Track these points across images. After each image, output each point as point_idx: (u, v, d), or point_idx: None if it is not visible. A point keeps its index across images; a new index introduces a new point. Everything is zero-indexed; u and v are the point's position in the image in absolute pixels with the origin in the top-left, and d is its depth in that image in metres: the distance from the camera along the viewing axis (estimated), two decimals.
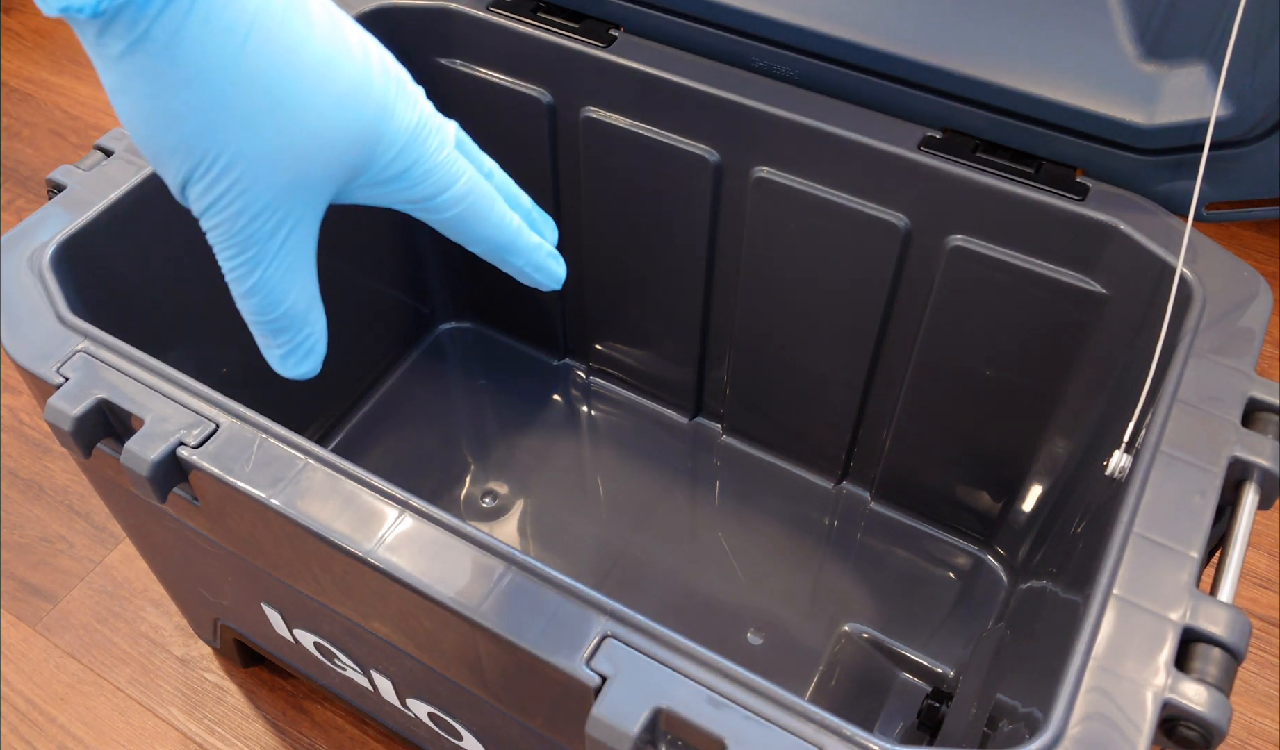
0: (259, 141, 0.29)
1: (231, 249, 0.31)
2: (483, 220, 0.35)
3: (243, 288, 0.32)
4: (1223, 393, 0.45)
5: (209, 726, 0.70)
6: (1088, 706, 0.36)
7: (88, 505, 0.81)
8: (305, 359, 0.35)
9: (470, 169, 0.35)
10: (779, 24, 0.58)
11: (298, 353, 0.34)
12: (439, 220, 0.35)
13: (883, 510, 0.74)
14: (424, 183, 0.33)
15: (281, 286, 0.32)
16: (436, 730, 0.56)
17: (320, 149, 0.30)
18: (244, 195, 0.30)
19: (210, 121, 0.29)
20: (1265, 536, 0.79)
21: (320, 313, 0.34)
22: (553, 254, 0.38)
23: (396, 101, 0.32)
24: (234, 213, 0.30)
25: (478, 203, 0.35)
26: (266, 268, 0.31)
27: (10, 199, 1.05)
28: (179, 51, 0.28)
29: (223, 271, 0.32)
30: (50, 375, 0.45)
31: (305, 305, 0.33)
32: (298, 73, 0.29)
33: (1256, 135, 0.50)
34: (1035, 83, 0.53)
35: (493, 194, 0.35)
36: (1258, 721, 0.70)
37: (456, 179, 0.34)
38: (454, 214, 0.34)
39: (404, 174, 0.33)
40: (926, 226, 0.59)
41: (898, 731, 0.64)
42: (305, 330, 0.34)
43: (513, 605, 0.38)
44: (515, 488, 0.76)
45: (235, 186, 0.30)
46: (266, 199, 0.30)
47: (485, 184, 0.35)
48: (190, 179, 0.30)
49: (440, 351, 0.85)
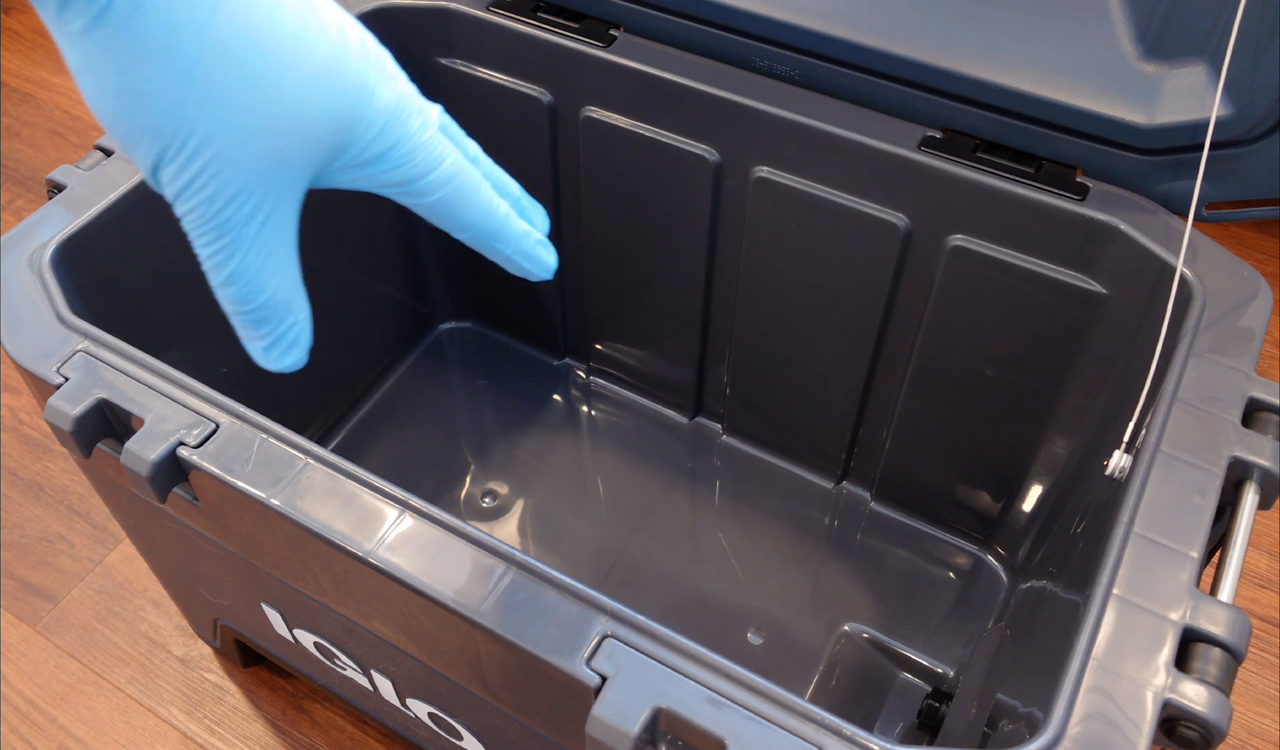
0: (232, 119, 0.28)
1: (207, 235, 0.30)
2: (468, 206, 0.34)
3: (220, 276, 0.31)
4: (1223, 393, 0.45)
5: (209, 726, 0.70)
6: (1088, 706, 0.36)
7: (88, 505, 0.81)
8: (289, 351, 0.33)
9: (455, 152, 0.34)
10: (779, 24, 0.58)
11: (280, 344, 0.33)
12: (423, 205, 0.34)
13: (883, 510, 0.74)
14: (406, 165, 0.32)
15: (261, 275, 0.31)
16: (436, 730, 0.56)
17: (296, 128, 0.29)
18: (218, 177, 0.29)
19: (179, 99, 0.28)
20: (1265, 536, 0.79)
21: (303, 302, 0.33)
22: (542, 242, 0.37)
23: (376, 80, 0.31)
24: (208, 196, 0.29)
25: (463, 187, 0.34)
26: (245, 255, 0.30)
27: (10, 199, 1.05)
28: (143, 24, 0.27)
29: (200, 260, 0.31)
30: (50, 375, 0.45)
31: (287, 294, 0.32)
32: (269, 46, 0.28)
33: (1256, 135, 0.50)
34: (1035, 83, 0.53)
35: (478, 179, 0.35)
36: (1258, 721, 0.70)
37: (440, 162, 0.33)
38: (438, 198, 0.33)
39: (385, 156, 0.32)
40: (926, 226, 0.59)
41: (898, 731, 0.64)
42: (288, 321, 0.33)
43: (513, 605, 0.38)
44: (515, 488, 0.76)
45: (209, 168, 0.29)
46: (242, 181, 0.29)
47: (471, 169, 0.34)
48: (161, 161, 0.29)
49: (440, 351, 0.85)
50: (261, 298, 0.31)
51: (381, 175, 0.32)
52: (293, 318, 0.33)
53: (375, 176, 0.32)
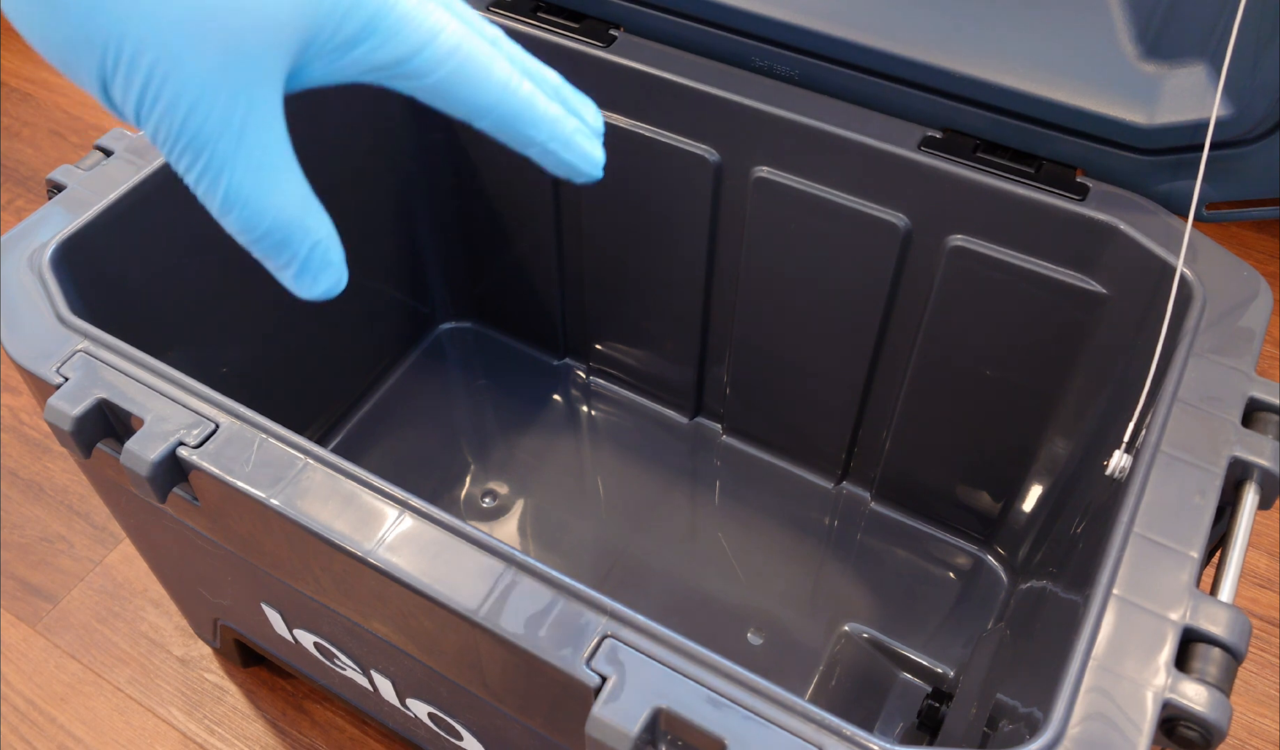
0: (165, 9, 0.25)
1: (185, 157, 0.26)
2: (481, 84, 0.29)
3: (216, 203, 0.27)
4: (1223, 393, 0.45)
5: (209, 726, 0.70)
6: (1088, 706, 0.36)
7: (88, 505, 0.81)
8: (322, 273, 0.29)
9: (455, 22, 0.29)
10: (779, 24, 0.58)
11: (311, 268, 0.29)
12: (427, 87, 0.29)
13: (883, 510, 0.74)
14: (395, 39, 0.28)
15: (258, 194, 0.27)
16: (436, 730, 0.56)
17: (247, 9, 0.26)
18: (169, 82, 0.25)
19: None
20: (1265, 536, 0.79)
21: (321, 217, 0.29)
22: (583, 131, 0.32)
23: None
24: (166, 106, 0.25)
25: (470, 62, 0.29)
26: (231, 173, 0.27)
27: (10, 199, 1.05)
28: None
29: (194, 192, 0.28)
30: (50, 375, 0.45)
31: (297, 212, 0.28)
32: None
33: (1256, 135, 0.50)
34: (1035, 83, 0.53)
35: (491, 53, 0.30)
36: (1258, 721, 0.70)
37: (437, 31, 0.28)
38: (443, 76, 0.29)
39: (368, 31, 0.27)
40: (926, 226, 0.59)
41: (898, 731, 0.64)
42: (308, 240, 0.29)
43: (513, 605, 0.38)
44: (515, 488, 0.76)
45: (155, 73, 0.25)
46: (199, 83, 0.25)
47: (478, 41, 0.29)
48: (105, 77, 0.25)
49: (440, 351, 0.85)
50: (267, 220, 0.28)
51: (369, 56, 0.28)
52: (313, 236, 0.29)
53: (363, 60, 0.28)
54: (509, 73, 0.30)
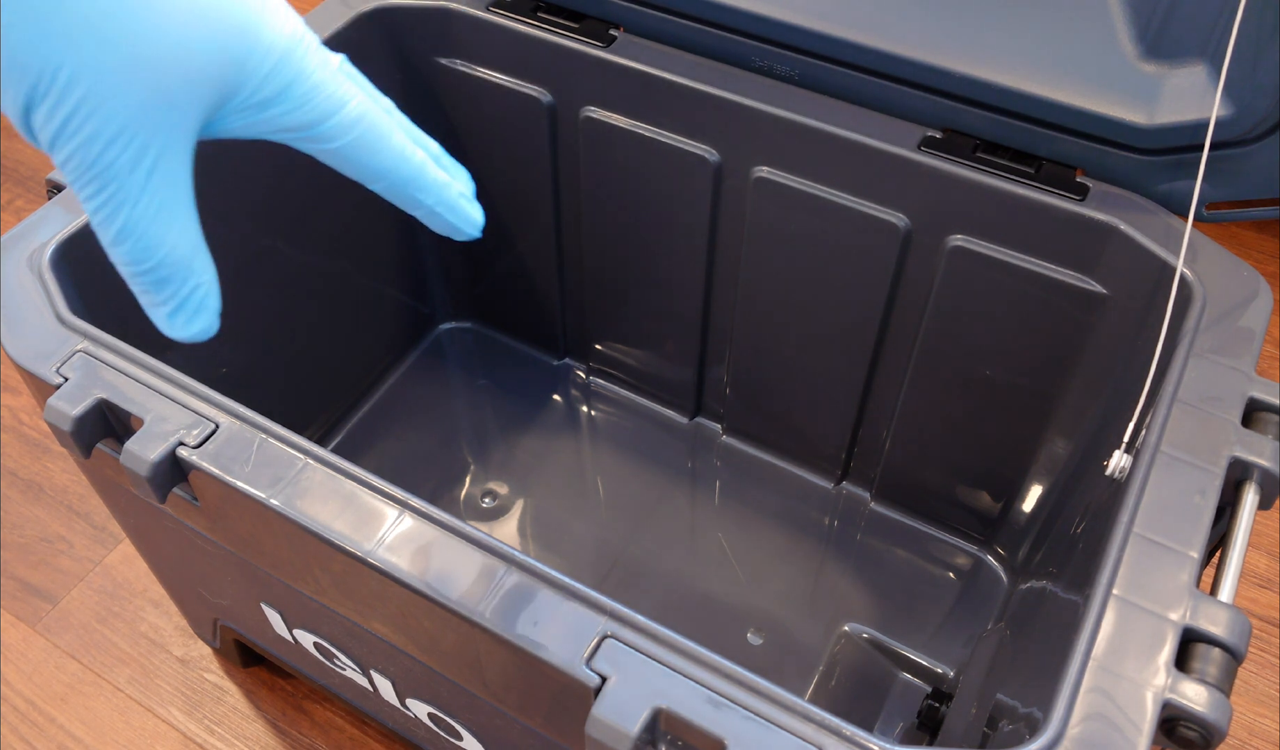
0: (103, 53, 0.26)
1: (91, 185, 0.28)
2: (379, 151, 0.32)
3: (110, 233, 0.28)
4: (1223, 393, 0.45)
5: (209, 726, 0.70)
6: (1088, 706, 0.36)
7: (88, 505, 0.81)
8: (196, 316, 0.31)
9: (360, 95, 0.32)
10: (779, 24, 0.58)
11: (186, 309, 0.31)
12: (331, 151, 0.31)
13: (883, 510, 0.74)
14: (305, 107, 0.30)
15: (154, 230, 0.29)
16: (436, 730, 0.56)
17: (177, 63, 0.27)
18: (94, 116, 0.27)
19: (44, 30, 0.26)
20: (1265, 536, 0.79)
21: (207, 261, 0.31)
22: (466, 195, 0.35)
23: (262, 12, 0.29)
24: (85, 138, 0.27)
25: (371, 132, 0.32)
26: (133, 207, 0.28)
27: (10, 199, 1.05)
28: None
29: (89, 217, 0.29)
30: (50, 375, 0.45)
31: (186, 253, 0.30)
32: None
33: (1256, 135, 0.50)
34: (1035, 83, 0.53)
35: (390, 124, 0.32)
36: (1258, 721, 0.70)
37: (343, 103, 0.31)
38: (346, 143, 0.31)
39: (282, 96, 0.30)
40: (926, 226, 0.59)
41: (898, 731, 0.64)
42: (190, 282, 0.30)
43: (513, 605, 0.38)
44: (515, 488, 0.76)
45: (82, 107, 0.26)
46: (121, 122, 0.27)
47: (379, 113, 0.32)
48: (31, 103, 0.26)
49: (440, 351, 0.85)
50: (157, 256, 0.29)
51: (280, 118, 0.30)
52: (195, 279, 0.30)
53: (274, 120, 0.30)
54: (404, 142, 0.33)
